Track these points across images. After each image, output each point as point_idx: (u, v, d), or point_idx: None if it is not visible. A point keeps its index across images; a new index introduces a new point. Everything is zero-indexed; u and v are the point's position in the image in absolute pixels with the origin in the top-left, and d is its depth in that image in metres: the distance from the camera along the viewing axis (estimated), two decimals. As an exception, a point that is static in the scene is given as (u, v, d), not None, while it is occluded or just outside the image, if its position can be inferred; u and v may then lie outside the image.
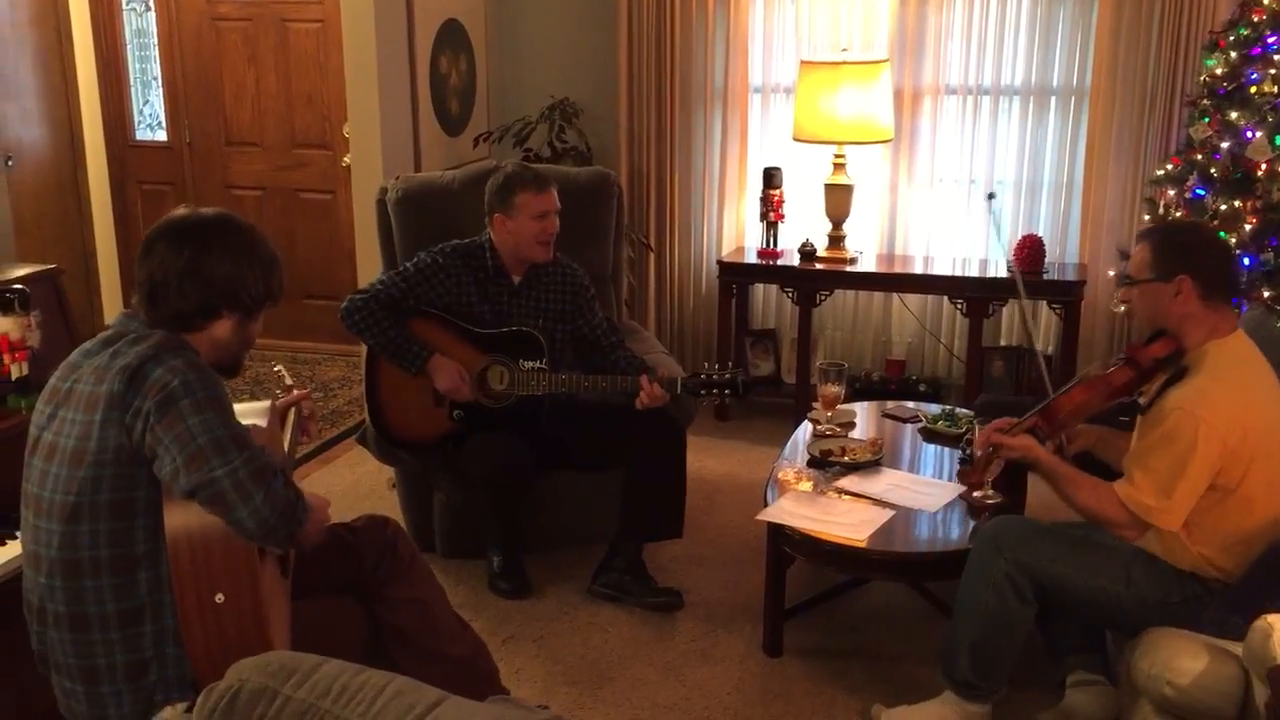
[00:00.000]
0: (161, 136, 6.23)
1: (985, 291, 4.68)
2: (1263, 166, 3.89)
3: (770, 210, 4.98)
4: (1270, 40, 3.94)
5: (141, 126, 6.28)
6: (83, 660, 2.05)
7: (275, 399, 2.50)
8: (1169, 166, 4.28)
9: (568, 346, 3.65)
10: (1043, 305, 4.93)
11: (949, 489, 3.20)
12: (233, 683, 1.44)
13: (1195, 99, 4.25)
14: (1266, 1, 3.97)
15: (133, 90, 6.24)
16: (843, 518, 3.05)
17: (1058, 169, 4.89)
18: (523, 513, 3.60)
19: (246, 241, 2.18)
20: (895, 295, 5.12)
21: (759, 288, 5.34)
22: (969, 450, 3.15)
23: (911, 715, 2.81)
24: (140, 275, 2.14)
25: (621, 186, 4.24)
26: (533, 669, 3.17)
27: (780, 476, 3.33)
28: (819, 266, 4.88)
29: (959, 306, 4.79)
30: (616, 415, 3.55)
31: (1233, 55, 4.05)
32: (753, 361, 5.19)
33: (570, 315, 3.63)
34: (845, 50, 4.89)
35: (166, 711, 2.06)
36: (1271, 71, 3.92)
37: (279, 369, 2.77)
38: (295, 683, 1.41)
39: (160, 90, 6.16)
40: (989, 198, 4.59)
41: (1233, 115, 3.99)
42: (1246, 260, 3.85)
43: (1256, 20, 4.00)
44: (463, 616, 2.67)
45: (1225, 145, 4.00)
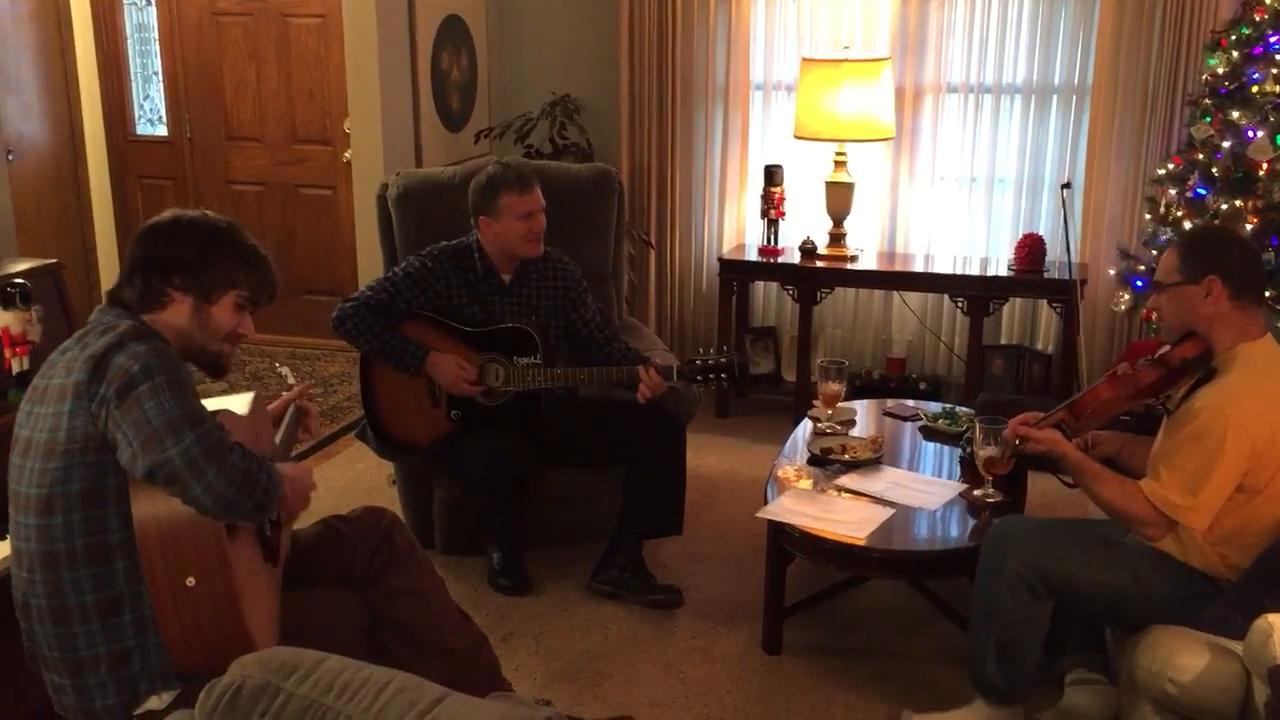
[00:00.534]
0: (162, 131, 6.22)
1: (986, 290, 4.68)
2: (1264, 166, 3.89)
3: (771, 208, 4.98)
4: (1272, 39, 3.94)
5: (142, 121, 6.27)
6: (67, 653, 2.05)
7: (265, 393, 2.49)
8: (1170, 166, 4.29)
9: (562, 341, 3.64)
10: (1043, 304, 4.94)
11: (949, 487, 3.20)
12: (235, 679, 1.43)
13: (1197, 98, 4.25)
14: (1268, 1, 3.97)
15: (133, 85, 6.22)
16: (842, 516, 3.05)
17: (1059, 168, 4.88)
18: (522, 510, 3.59)
19: (209, 228, 2.19)
20: (896, 293, 5.12)
21: (759, 285, 5.34)
22: (969, 449, 3.16)
23: None
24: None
25: (622, 183, 4.23)
26: (532, 665, 3.17)
27: (780, 474, 3.33)
28: (820, 264, 4.88)
29: (959, 305, 4.79)
30: (616, 413, 3.54)
31: (1234, 54, 4.05)
32: (753, 359, 5.18)
33: (563, 310, 3.62)
34: (847, 48, 4.89)
35: (152, 701, 2.05)
36: (1273, 71, 3.92)
37: (283, 370, 2.77)
38: (298, 679, 1.41)
39: (161, 85, 6.15)
40: (1064, 187, 4.44)
41: (1234, 114, 3.99)
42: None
43: (1258, 19, 4.00)
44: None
45: (1227, 145, 4.00)
